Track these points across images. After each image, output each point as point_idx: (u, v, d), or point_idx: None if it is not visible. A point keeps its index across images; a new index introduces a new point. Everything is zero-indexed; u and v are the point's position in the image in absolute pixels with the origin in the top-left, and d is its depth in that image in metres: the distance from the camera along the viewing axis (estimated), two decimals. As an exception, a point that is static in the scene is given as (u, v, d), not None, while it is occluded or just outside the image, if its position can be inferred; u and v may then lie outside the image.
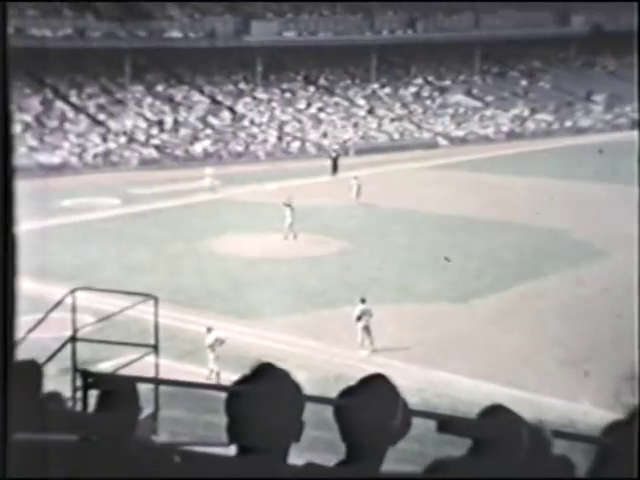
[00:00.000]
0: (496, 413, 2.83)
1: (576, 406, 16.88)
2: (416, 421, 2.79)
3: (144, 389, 5.92)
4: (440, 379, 19.25)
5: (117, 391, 3.14)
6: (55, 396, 3.25)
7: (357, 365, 18.71)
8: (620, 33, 66.70)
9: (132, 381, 3.11)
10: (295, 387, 2.44)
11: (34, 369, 3.04)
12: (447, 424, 2.73)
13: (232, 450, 2.52)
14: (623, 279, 26.14)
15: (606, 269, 27.57)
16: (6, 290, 0.93)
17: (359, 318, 21.19)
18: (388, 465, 2.68)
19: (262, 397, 2.35)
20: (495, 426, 2.74)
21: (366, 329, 21.08)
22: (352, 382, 2.56)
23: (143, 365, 8.82)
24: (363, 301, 21.53)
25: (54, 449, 2.56)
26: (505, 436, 2.70)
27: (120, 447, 2.82)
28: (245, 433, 2.35)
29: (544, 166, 44.41)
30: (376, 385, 2.48)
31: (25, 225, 1.67)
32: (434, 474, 2.43)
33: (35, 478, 2.44)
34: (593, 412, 15.28)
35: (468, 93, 63.30)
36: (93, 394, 3.23)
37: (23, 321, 1.64)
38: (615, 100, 63.55)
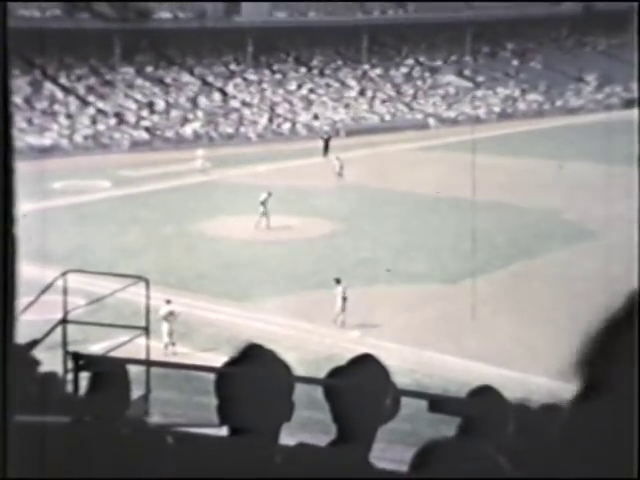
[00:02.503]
0: (484, 393, 2.85)
1: (566, 385, 16.96)
2: (407, 401, 2.81)
3: (136, 371, 5.93)
4: (431, 359, 19.33)
5: (108, 373, 3.14)
6: (52, 376, 3.25)
7: (348, 346, 18.76)
8: (611, 13, 66.68)
9: (123, 363, 3.12)
10: (284, 367, 2.45)
11: (28, 352, 3.04)
12: (438, 404, 2.74)
13: (224, 431, 2.53)
14: (614, 259, 26.24)
15: (597, 249, 27.66)
16: (6, 290, 0.93)
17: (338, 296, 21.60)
18: (380, 445, 2.69)
19: (252, 378, 2.35)
20: (485, 405, 2.76)
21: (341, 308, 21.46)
22: (343, 363, 2.56)
23: (134, 347, 8.84)
24: (338, 281, 21.80)
25: (47, 431, 2.56)
26: (494, 415, 2.72)
27: (113, 428, 2.82)
28: (235, 414, 2.36)
29: (535, 147, 44.45)
30: (365, 365, 2.49)
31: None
32: (429, 455, 2.44)
33: (35, 478, 2.46)
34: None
35: (459, 74, 63.19)
36: (84, 376, 3.23)
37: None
38: (606, 80, 63.54)
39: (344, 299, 21.60)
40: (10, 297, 0.95)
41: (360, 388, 2.43)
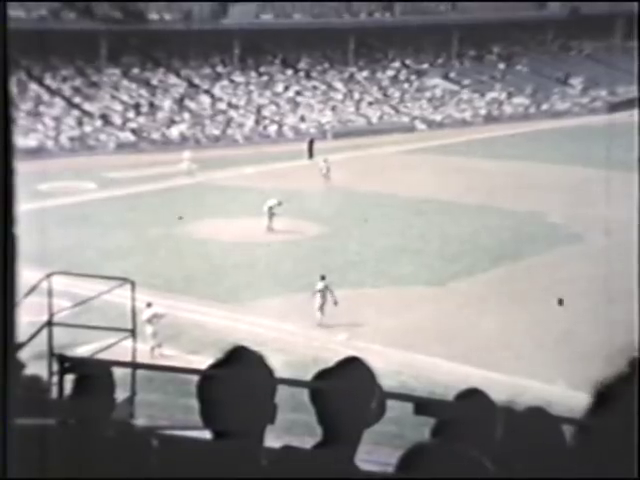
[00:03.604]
0: (472, 396, 2.85)
1: (553, 388, 17.03)
2: (393, 403, 2.81)
3: (121, 373, 5.91)
4: (418, 362, 19.36)
5: (93, 375, 3.13)
6: (35, 380, 3.24)
7: (335, 348, 18.77)
8: (597, 16, 67.04)
9: (108, 365, 3.11)
10: (267, 370, 2.44)
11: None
12: (424, 406, 2.75)
13: (209, 434, 2.53)
14: (598, 261, 26.37)
15: (582, 251, 27.79)
16: (6, 290, 0.93)
17: (319, 292, 21.63)
18: (366, 447, 2.69)
19: (234, 380, 2.35)
20: (471, 408, 2.76)
21: (321, 307, 21.55)
22: (329, 365, 2.56)
23: (121, 349, 8.81)
24: (323, 278, 21.95)
25: (31, 434, 2.55)
26: (481, 418, 2.73)
27: (97, 431, 2.81)
28: (218, 417, 2.35)
29: (521, 150, 44.62)
30: (351, 368, 2.49)
31: None
32: (415, 458, 2.45)
33: (36, 478, 2.44)
34: (570, 394, 15.42)
35: (445, 77, 63.36)
36: (70, 379, 3.22)
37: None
38: (591, 83, 63.85)
39: (324, 296, 21.60)
40: (10, 297, 0.95)
41: (346, 391, 2.43)
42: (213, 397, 2.34)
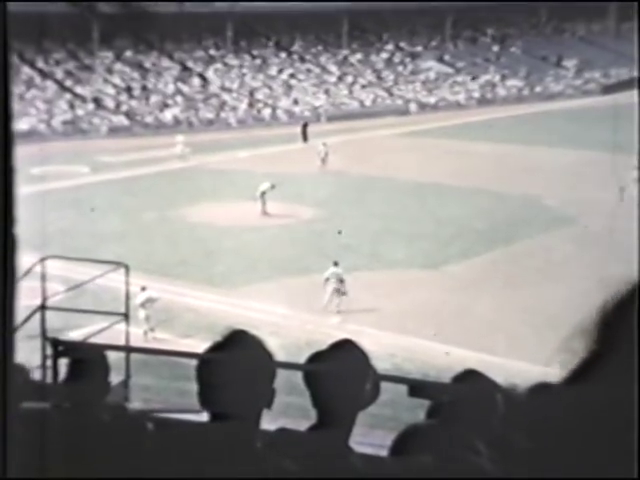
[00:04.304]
0: (469, 377, 2.86)
1: (546, 370, 17.10)
2: (388, 386, 2.81)
3: (115, 357, 5.91)
4: (412, 345, 19.41)
5: (87, 359, 3.13)
6: (19, 369, 3.23)
7: (329, 332, 18.81)
8: (591, -1, 66.87)
9: (102, 349, 3.10)
10: (266, 353, 2.44)
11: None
12: (418, 389, 2.75)
13: (205, 417, 2.53)
14: (593, 244, 26.43)
15: (576, 234, 27.83)
16: (6, 291, 0.92)
17: (327, 280, 21.40)
18: (360, 429, 2.70)
19: (233, 364, 2.35)
20: (465, 390, 2.77)
21: (337, 292, 21.30)
22: (323, 348, 2.56)
23: (114, 333, 8.81)
24: (336, 264, 21.70)
25: (25, 418, 2.55)
26: (476, 399, 2.73)
27: (92, 415, 2.81)
28: (216, 399, 2.35)
29: (515, 132, 44.59)
30: (345, 350, 2.49)
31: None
32: (410, 439, 2.45)
33: (36, 478, 2.44)
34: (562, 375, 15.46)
35: (440, 59, 63.20)
36: (63, 362, 3.21)
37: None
38: (585, 65, 63.78)
39: (341, 282, 21.44)
40: (10, 297, 0.94)
41: (340, 373, 2.43)
42: (212, 380, 2.34)
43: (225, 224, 29.18)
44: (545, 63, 64.05)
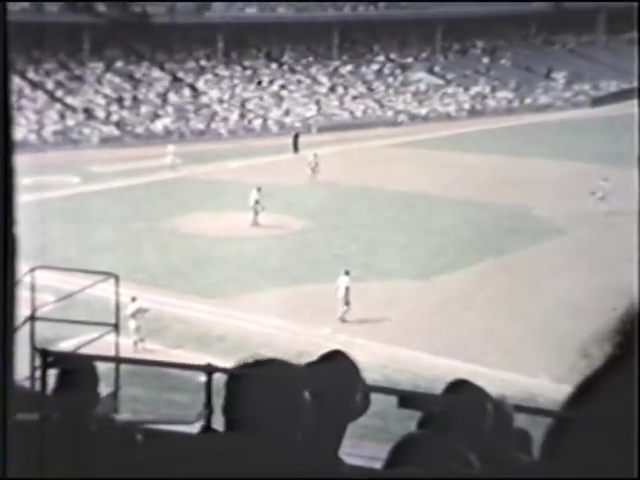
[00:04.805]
0: (461, 388, 2.86)
1: (536, 381, 17.12)
2: (378, 397, 2.81)
3: (105, 368, 5.89)
4: (402, 356, 19.40)
5: (76, 370, 3.12)
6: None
7: (320, 343, 18.78)
8: (580, 11, 67.26)
9: (91, 360, 3.09)
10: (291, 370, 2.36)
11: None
12: (408, 400, 2.75)
13: (194, 428, 2.52)
14: (582, 255, 26.51)
15: (566, 245, 27.91)
16: (6, 291, 0.92)
17: (338, 288, 21.66)
18: (350, 441, 2.70)
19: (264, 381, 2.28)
20: (456, 400, 2.77)
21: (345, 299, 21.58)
22: (314, 359, 2.56)
23: (104, 344, 8.78)
24: (347, 273, 22.02)
25: (15, 428, 2.53)
26: (466, 410, 2.73)
27: (81, 425, 2.80)
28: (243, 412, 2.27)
29: (505, 144, 44.75)
30: (335, 361, 2.49)
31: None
32: (406, 449, 2.45)
33: (37, 478, 2.43)
34: (552, 387, 15.50)
35: (430, 71, 63.42)
36: (53, 373, 3.20)
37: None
38: (574, 77, 64.08)
39: (347, 289, 21.58)
40: (10, 297, 0.94)
41: (330, 384, 2.43)
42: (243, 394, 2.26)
43: (216, 234, 29.15)
44: (535, 75, 64.33)
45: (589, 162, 37.83)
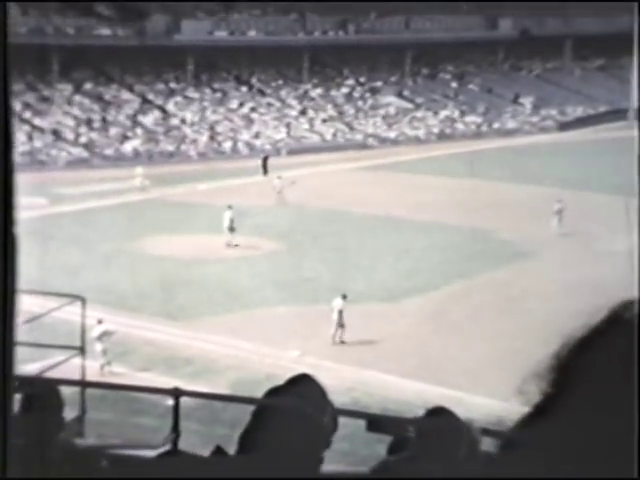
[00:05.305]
0: (438, 415, 2.85)
1: (504, 404, 17.16)
2: (346, 421, 2.79)
3: (71, 392, 5.80)
4: (371, 378, 19.37)
5: (41, 394, 3.06)
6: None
7: (288, 366, 18.70)
8: (546, 38, 68.28)
9: (56, 384, 3.04)
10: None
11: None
12: (376, 423, 2.74)
13: (159, 452, 2.48)
14: (547, 278, 26.71)
15: (532, 268, 28.13)
16: (6, 292, 0.90)
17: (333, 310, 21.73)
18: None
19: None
20: (424, 425, 2.76)
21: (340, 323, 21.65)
22: (281, 382, 2.54)
23: (70, 367, 8.67)
24: (344, 297, 22.05)
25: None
26: (435, 435, 2.72)
27: (45, 451, 2.75)
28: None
29: (473, 168, 45.08)
30: (302, 385, 2.47)
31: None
32: (383, 474, 2.43)
33: (38, 478, 2.38)
34: (522, 410, 15.53)
35: (399, 95, 63.88)
36: (16, 398, 3.14)
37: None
38: (541, 103, 64.89)
39: (341, 313, 21.60)
40: (10, 298, 0.92)
41: (297, 408, 2.41)
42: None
43: (185, 256, 29.02)
44: (502, 100, 65.04)
45: (555, 186, 38.24)
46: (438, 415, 2.84)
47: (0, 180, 0.91)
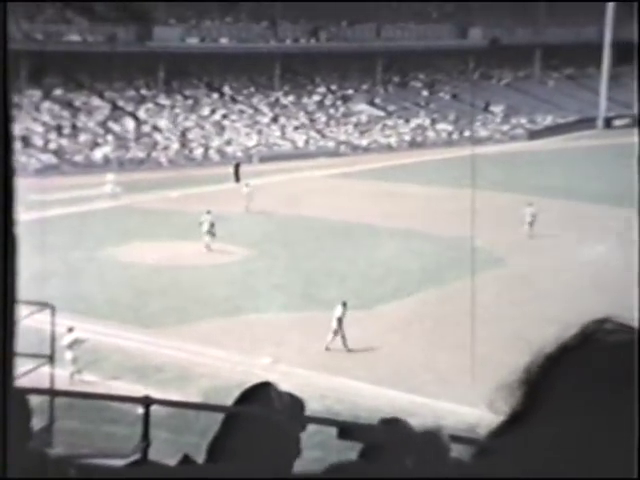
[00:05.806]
0: (393, 423, 2.85)
1: (475, 411, 17.22)
2: (317, 428, 2.78)
3: (40, 401, 5.74)
4: (342, 386, 19.37)
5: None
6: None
7: (260, 373, 18.65)
8: (516, 47, 68.88)
9: (23, 393, 3.00)
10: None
11: None
12: (347, 431, 2.73)
13: (130, 461, 2.46)
14: (520, 285, 26.89)
15: (504, 275, 28.29)
16: (6, 293, 0.88)
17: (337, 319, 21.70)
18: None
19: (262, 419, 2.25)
20: (394, 432, 2.76)
21: (336, 331, 21.63)
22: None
23: (38, 376, 8.57)
24: (344, 305, 22.04)
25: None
26: (402, 441, 2.72)
27: (12, 462, 2.71)
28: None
29: (444, 175, 45.32)
30: (264, 393, 2.45)
31: None
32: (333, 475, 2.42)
33: (37, 478, 2.34)
34: (492, 417, 15.60)
35: (371, 102, 64.10)
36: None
37: None
38: (511, 111, 65.39)
39: (340, 320, 21.55)
40: (10, 299, 0.90)
41: (265, 416, 2.40)
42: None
43: (156, 264, 28.86)
44: (473, 108, 65.49)
45: (526, 193, 38.52)
46: (393, 423, 2.85)
47: (0, 180, 0.89)
